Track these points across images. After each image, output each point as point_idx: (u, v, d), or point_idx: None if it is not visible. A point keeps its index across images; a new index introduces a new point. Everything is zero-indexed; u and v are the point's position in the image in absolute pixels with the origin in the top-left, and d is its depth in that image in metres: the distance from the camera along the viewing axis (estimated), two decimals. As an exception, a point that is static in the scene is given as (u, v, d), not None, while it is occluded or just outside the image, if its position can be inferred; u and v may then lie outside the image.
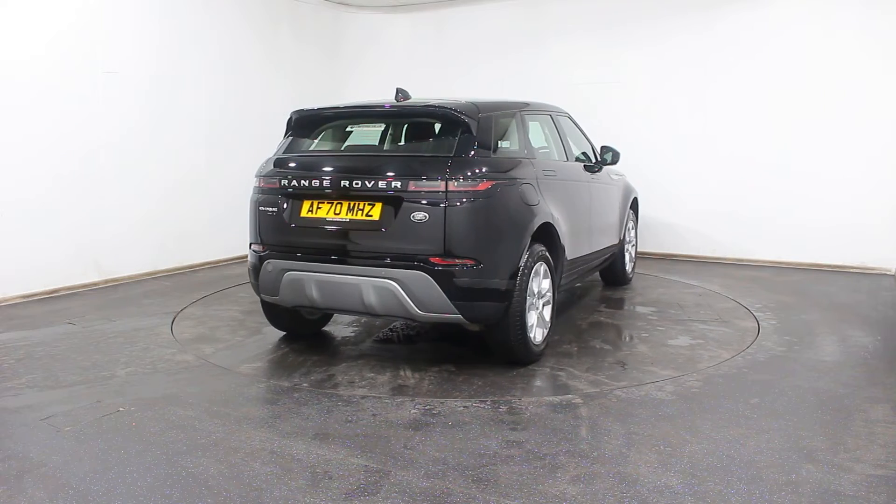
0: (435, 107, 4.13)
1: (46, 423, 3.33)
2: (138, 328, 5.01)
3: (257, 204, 4.28)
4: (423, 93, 7.47)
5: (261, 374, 4.12)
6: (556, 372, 4.07)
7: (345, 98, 7.87)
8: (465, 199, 3.73)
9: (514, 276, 3.92)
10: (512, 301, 3.92)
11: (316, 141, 4.46)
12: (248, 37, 7.91)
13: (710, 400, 3.61)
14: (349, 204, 3.94)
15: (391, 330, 5.03)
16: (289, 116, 4.53)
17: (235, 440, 3.14)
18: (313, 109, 4.46)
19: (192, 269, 7.28)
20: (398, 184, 3.78)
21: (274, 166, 4.31)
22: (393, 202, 3.81)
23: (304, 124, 4.49)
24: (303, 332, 4.87)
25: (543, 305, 4.32)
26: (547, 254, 4.27)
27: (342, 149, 4.45)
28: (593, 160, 5.58)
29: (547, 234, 4.33)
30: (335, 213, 3.97)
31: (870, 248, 7.01)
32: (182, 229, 7.19)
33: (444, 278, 3.73)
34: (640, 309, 5.62)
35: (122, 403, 3.58)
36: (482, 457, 2.96)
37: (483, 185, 3.80)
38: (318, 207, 4.03)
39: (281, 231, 4.16)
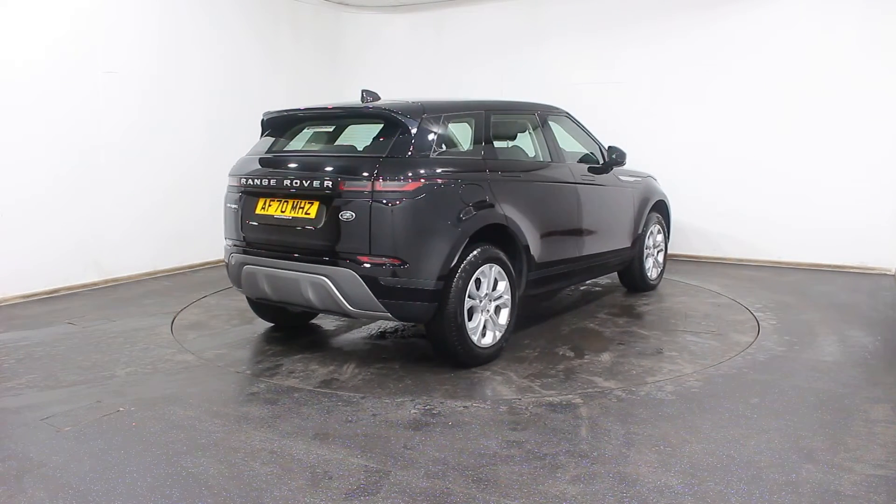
0: (377, 108, 4.20)
1: (46, 423, 3.33)
2: (138, 328, 5.02)
3: (226, 201, 4.55)
4: (422, 93, 7.42)
5: (217, 360, 4.34)
6: (493, 376, 4.01)
7: (344, 98, 7.87)
8: (391, 199, 3.80)
9: (445, 276, 3.93)
10: (446, 302, 3.93)
11: (280, 141, 4.63)
12: (248, 37, 7.91)
13: (710, 400, 3.61)
14: (293, 202, 4.11)
15: (378, 326, 5.04)
16: (261, 118, 4.73)
17: (235, 440, 3.14)
18: (277, 111, 4.63)
19: (193, 269, 7.28)
20: (330, 183, 3.92)
21: (239, 165, 4.57)
22: (326, 201, 3.94)
23: (271, 125, 4.70)
24: (289, 324, 5.07)
25: (499, 308, 4.29)
26: (501, 255, 4.25)
27: (295, 149, 4.57)
28: (601, 161, 5.49)
29: (503, 236, 4.33)
30: (281, 211, 4.16)
31: (870, 248, 7.01)
32: (182, 229, 7.19)
33: (370, 276, 3.82)
34: (640, 317, 5.43)
35: (122, 403, 3.58)
36: (482, 457, 2.96)
37: (411, 186, 3.84)
38: (269, 205, 4.24)
39: (241, 227, 4.41)
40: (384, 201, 3.79)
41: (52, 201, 6.03)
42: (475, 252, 4.06)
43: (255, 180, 4.31)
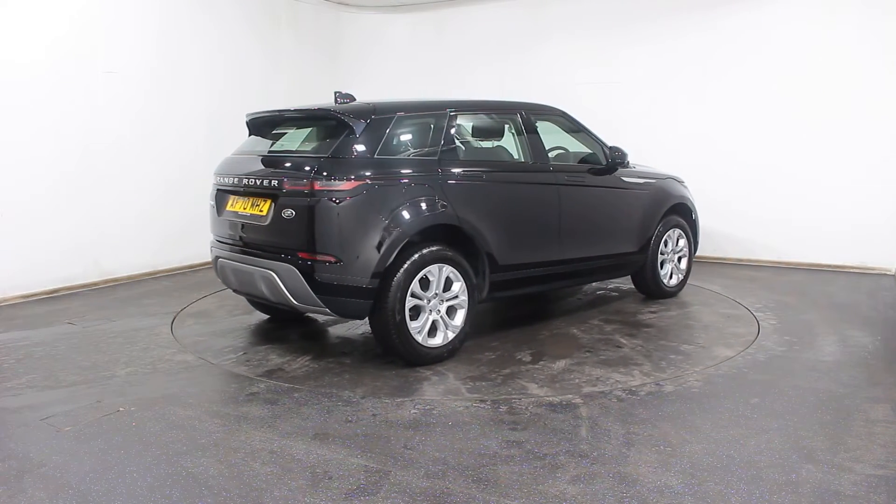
0: (326, 109, 4.29)
1: (46, 423, 3.33)
2: (138, 328, 5.02)
3: (209, 198, 4.79)
4: (422, 93, 7.39)
5: (193, 346, 4.62)
6: (432, 376, 3.99)
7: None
8: (328, 198, 3.90)
9: (381, 275, 3.96)
10: (384, 300, 3.98)
11: (257, 142, 4.79)
12: (248, 37, 7.91)
13: (710, 400, 3.61)
14: (252, 200, 4.30)
15: (364, 323, 4.99)
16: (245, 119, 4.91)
17: (235, 440, 3.14)
18: (254, 114, 4.81)
19: (193, 269, 7.28)
20: (276, 182, 4.10)
21: (219, 165, 4.81)
22: (274, 199, 4.10)
23: (253, 126, 4.88)
24: (284, 317, 5.26)
25: (452, 308, 4.28)
26: (453, 255, 4.23)
27: (263, 150, 4.67)
28: (604, 162, 5.37)
29: (458, 237, 4.31)
30: (243, 209, 4.36)
31: (870, 248, 7.00)
32: (182, 229, 7.19)
33: (307, 273, 3.95)
34: (633, 325, 5.08)
35: (122, 403, 3.58)
36: (482, 457, 2.96)
37: (348, 185, 3.92)
38: (235, 203, 4.45)
39: (216, 223, 4.68)
40: (321, 200, 3.90)
41: (52, 201, 6.03)
42: (422, 252, 4.08)
43: (226, 179, 4.54)
